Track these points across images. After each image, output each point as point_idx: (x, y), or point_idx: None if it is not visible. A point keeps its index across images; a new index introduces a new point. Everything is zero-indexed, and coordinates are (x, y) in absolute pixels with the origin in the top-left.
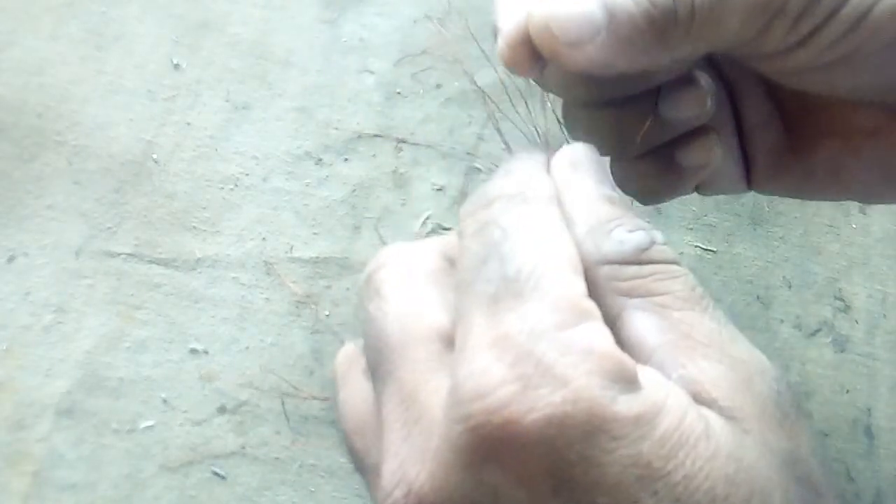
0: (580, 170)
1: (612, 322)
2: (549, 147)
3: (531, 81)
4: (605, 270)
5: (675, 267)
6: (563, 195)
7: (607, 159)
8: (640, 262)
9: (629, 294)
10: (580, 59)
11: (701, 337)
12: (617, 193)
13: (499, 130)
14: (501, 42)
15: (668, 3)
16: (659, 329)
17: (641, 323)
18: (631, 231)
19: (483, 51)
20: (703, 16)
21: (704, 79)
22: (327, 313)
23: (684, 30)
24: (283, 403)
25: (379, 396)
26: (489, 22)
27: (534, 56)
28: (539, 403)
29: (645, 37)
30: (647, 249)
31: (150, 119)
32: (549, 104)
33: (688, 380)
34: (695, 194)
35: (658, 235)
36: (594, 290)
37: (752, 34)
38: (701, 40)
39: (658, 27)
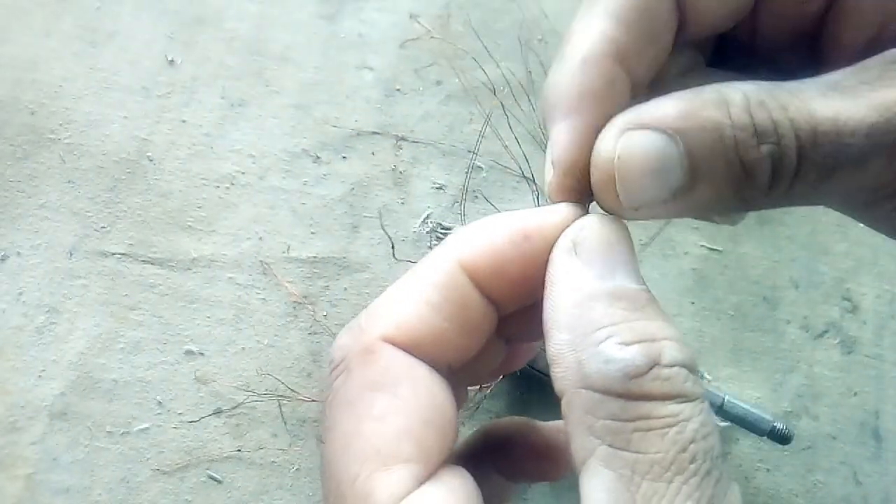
0: (581, 255)
1: (579, 465)
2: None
3: (532, 79)
4: (584, 398)
5: (670, 408)
6: (551, 288)
7: (627, 236)
8: (627, 395)
9: (601, 438)
10: (638, 216)
11: None
12: (635, 285)
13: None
14: (554, 178)
15: (768, 170)
16: (601, 499)
17: (595, 488)
18: (625, 345)
19: (485, 47)
20: (804, 187)
21: None
22: (325, 314)
23: (777, 198)
24: (280, 406)
25: None
26: (490, 17)
27: (585, 195)
28: None
29: (729, 201)
30: (640, 375)
31: (144, 116)
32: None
33: None
34: None
35: (668, 353)
36: (569, 420)
37: (846, 206)
38: (789, 205)
39: (748, 194)
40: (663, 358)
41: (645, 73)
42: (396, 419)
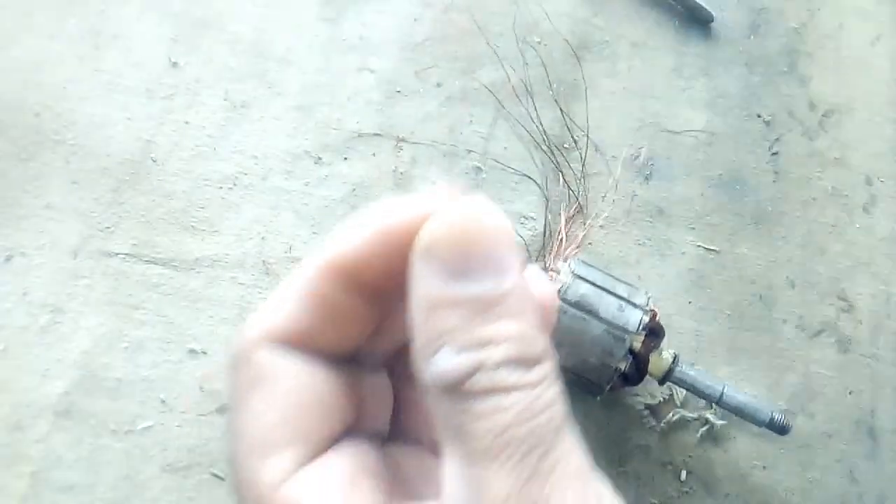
0: (434, 255)
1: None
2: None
3: (532, 81)
4: (430, 395)
5: (488, 403)
6: (409, 293)
7: (496, 225)
8: (461, 393)
9: (444, 430)
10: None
11: (489, 500)
12: (489, 283)
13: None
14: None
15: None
16: (450, 484)
17: (443, 473)
18: (458, 352)
19: (493, 48)
20: None
21: None
22: None
23: None
24: None
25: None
26: (489, 19)
27: None
28: None
29: None
30: (464, 381)
31: (148, 118)
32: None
33: None
34: (697, 193)
35: (494, 355)
36: (435, 415)
37: None
38: None
39: None
40: (488, 362)
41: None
42: (271, 411)
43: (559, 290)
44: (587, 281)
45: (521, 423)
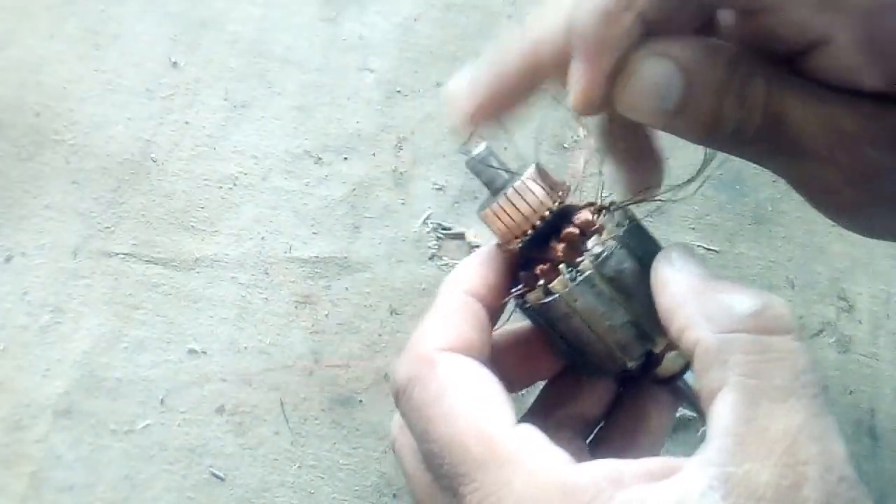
0: (680, 264)
1: (707, 401)
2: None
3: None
4: (716, 340)
5: (786, 343)
6: (664, 288)
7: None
8: (750, 331)
9: (732, 370)
10: (641, 120)
11: (773, 434)
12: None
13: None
14: (576, 97)
15: (733, 128)
16: (736, 419)
17: (724, 408)
18: (738, 295)
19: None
20: (759, 145)
21: None
22: (326, 313)
23: (738, 147)
24: (282, 404)
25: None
26: (489, 20)
27: (602, 108)
28: None
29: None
30: (760, 314)
31: (148, 118)
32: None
33: (732, 481)
34: (697, 193)
35: (775, 299)
36: (702, 363)
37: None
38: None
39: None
40: (773, 301)
41: (659, 16)
42: (477, 387)
43: (596, 257)
44: (633, 255)
45: (809, 371)
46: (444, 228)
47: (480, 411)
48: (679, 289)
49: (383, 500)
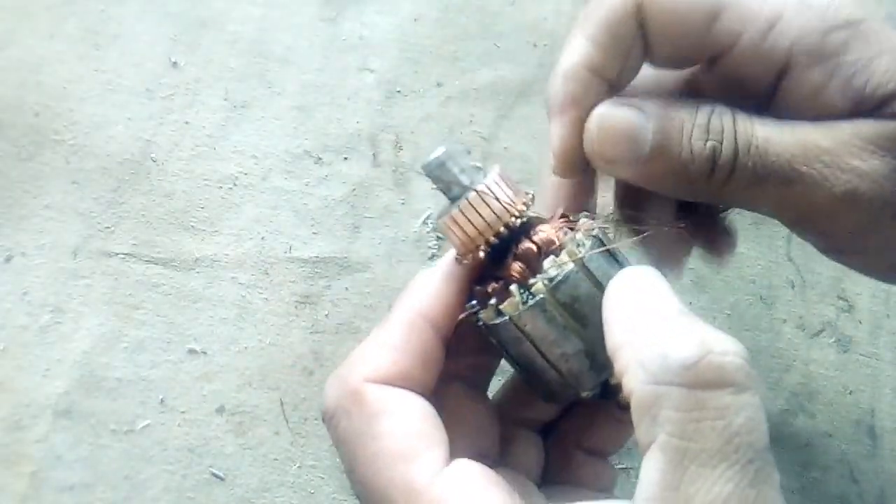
0: (629, 295)
1: (642, 453)
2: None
3: (531, 81)
4: (648, 392)
5: (720, 400)
6: (610, 320)
7: (661, 279)
8: (684, 384)
9: (662, 427)
10: (622, 175)
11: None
12: (679, 305)
13: None
14: (554, 159)
15: (708, 161)
16: (660, 484)
17: (650, 470)
18: (677, 340)
19: (494, 47)
20: (736, 187)
21: None
22: (326, 313)
23: (716, 190)
24: (282, 404)
25: None
26: (489, 19)
27: (582, 169)
28: None
29: (679, 179)
30: (695, 363)
31: (148, 118)
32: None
33: None
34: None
35: (719, 344)
36: (636, 414)
37: (785, 222)
38: (731, 203)
39: (693, 177)
40: (715, 348)
41: (619, 80)
42: (403, 428)
43: (550, 280)
44: (592, 279)
45: (745, 433)
46: None
47: (406, 458)
48: (621, 326)
49: None
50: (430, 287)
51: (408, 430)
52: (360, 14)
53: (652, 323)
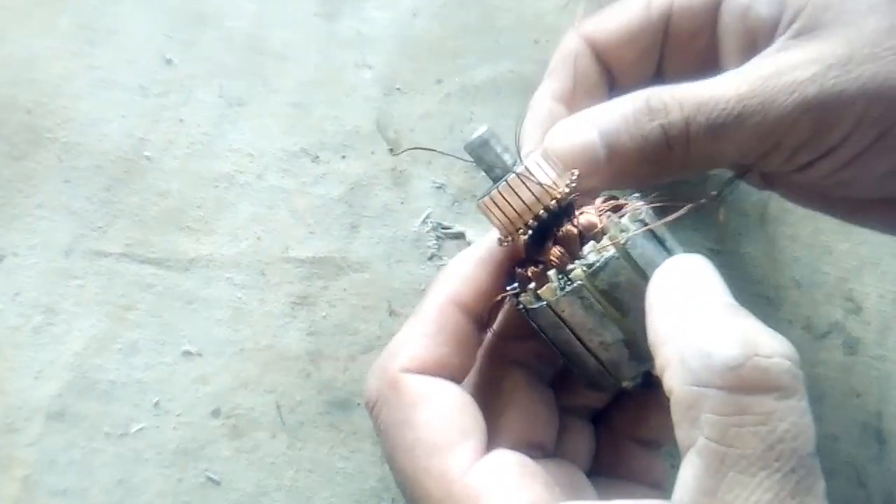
0: (675, 284)
1: (682, 456)
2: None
3: (531, 78)
4: (689, 394)
5: (764, 404)
6: (653, 312)
7: (712, 269)
8: (728, 387)
9: (701, 430)
10: (588, 186)
11: None
12: (728, 299)
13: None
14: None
15: (661, 138)
16: (697, 490)
17: (689, 474)
18: (724, 341)
19: (495, 43)
20: (699, 148)
21: None
22: (324, 314)
23: (680, 161)
24: (278, 407)
25: None
26: (489, 15)
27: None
28: None
29: (642, 168)
30: (739, 365)
31: (142, 115)
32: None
33: None
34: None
35: (766, 344)
36: (676, 415)
37: (749, 161)
38: (698, 166)
39: (653, 160)
40: (761, 349)
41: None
42: (439, 418)
43: (589, 267)
44: (634, 266)
45: (789, 439)
46: (444, 228)
47: (442, 449)
48: (664, 320)
49: None
50: (462, 272)
51: (444, 421)
52: (359, 10)
53: (696, 318)
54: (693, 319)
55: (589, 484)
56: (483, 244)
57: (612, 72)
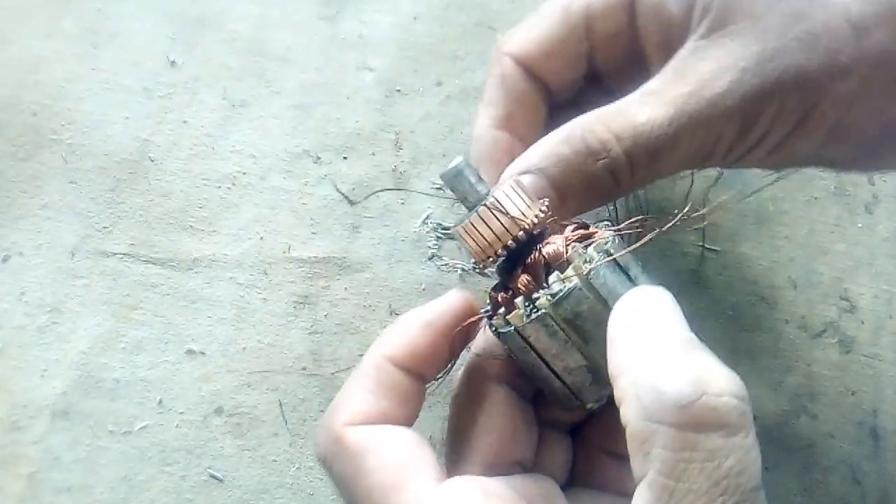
0: (634, 317)
1: (637, 482)
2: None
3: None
4: (642, 429)
5: (712, 442)
6: (613, 345)
7: (670, 301)
8: (677, 425)
9: (652, 464)
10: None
11: None
12: (686, 333)
13: None
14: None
15: (607, 175)
16: None
17: None
18: (676, 379)
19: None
20: (641, 175)
21: None
22: (325, 314)
23: (626, 187)
24: (280, 405)
25: None
26: (489, 18)
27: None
28: None
29: (592, 202)
30: (690, 403)
31: (146, 117)
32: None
33: None
34: (698, 193)
35: (716, 383)
36: (630, 447)
37: (691, 168)
38: (641, 186)
39: (602, 193)
40: (711, 387)
41: (527, 130)
42: (388, 461)
43: (553, 296)
44: (597, 296)
45: (734, 475)
46: (444, 228)
47: (397, 487)
48: (622, 353)
49: None
50: (401, 332)
51: (393, 462)
52: (360, 12)
53: (651, 353)
54: (648, 355)
55: (562, 497)
56: (431, 307)
57: (546, 84)
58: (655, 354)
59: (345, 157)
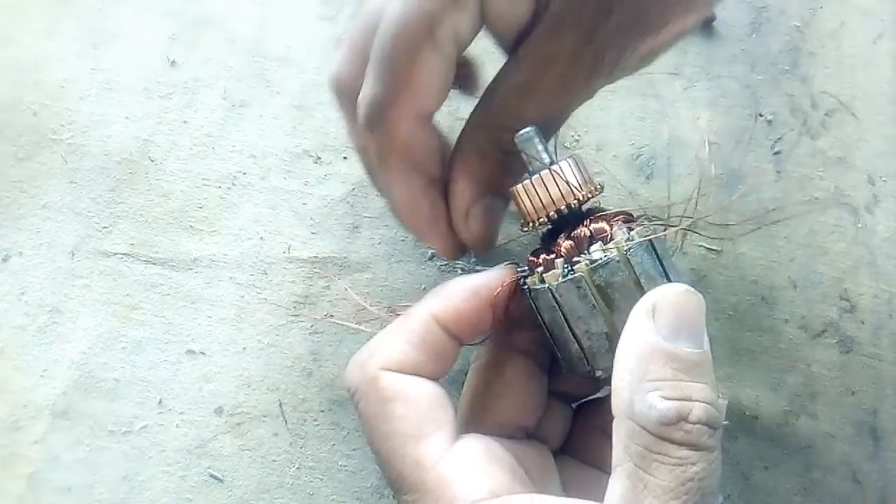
0: (655, 316)
1: (613, 467)
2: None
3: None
4: (628, 425)
5: (681, 453)
6: (626, 337)
7: (699, 304)
8: (657, 435)
9: (631, 457)
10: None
11: None
12: (693, 349)
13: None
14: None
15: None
16: (620, 502)
17: (616, 487)
18: (666, 399)
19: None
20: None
21: None
22: (326, 314)
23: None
24: (280, 405)
25: None
26: None
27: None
28: None
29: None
30: (670, 424)
31: (146, 117)
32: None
33: None
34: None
35: (695, 413)
36: (615, 435)
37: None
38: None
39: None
40: (691, 416)
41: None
42: (413, 411)
43: (592, 262)
44: (631, 272)
45: (697, 479)
46: None
47: (416, 439)
48: (631, 351)
49: (383, 503)
50: (453, 296)
51: (417, 414)
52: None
53: (658, 366)
54: (655, 366)
55: (555, 468)
56: (481, 277)
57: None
58: (659, 369)
59: (345, 157)
